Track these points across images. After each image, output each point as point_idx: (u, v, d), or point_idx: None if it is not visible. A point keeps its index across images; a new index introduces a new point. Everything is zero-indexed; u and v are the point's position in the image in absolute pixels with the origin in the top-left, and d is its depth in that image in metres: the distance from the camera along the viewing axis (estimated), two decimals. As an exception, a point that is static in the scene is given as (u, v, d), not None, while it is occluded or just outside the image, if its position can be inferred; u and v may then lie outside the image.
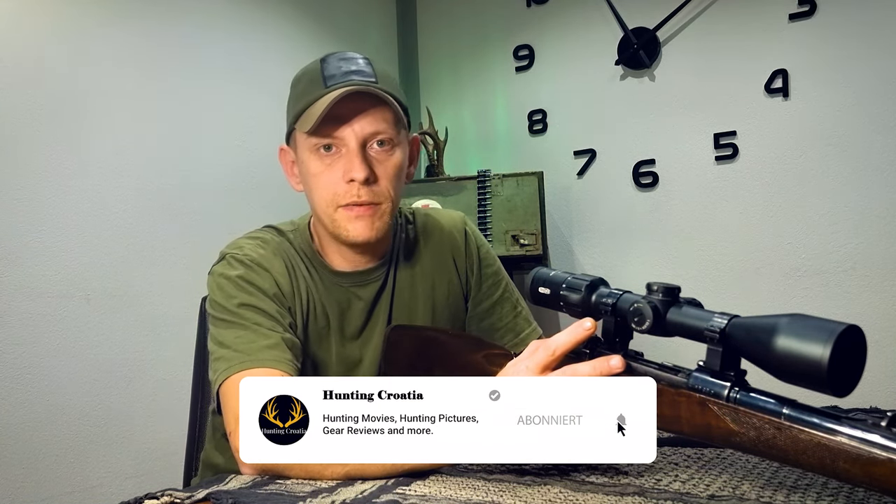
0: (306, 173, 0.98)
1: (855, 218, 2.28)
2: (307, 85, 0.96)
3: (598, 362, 0.67)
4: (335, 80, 0.93)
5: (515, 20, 2.88)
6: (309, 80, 0.97)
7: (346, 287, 1.03)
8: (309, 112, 0.94)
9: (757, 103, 2.43)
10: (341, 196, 0.95)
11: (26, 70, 1.77)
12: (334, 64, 0.96)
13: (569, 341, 0.70)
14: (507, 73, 2.90)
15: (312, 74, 0.97)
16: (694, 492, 0.66)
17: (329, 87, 0.93)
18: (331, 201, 0.96)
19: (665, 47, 2.59)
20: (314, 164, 0.96)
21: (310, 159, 0.96)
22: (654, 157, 2.61)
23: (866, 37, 2.26)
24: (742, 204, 2.46)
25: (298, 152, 0.99)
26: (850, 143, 2.29)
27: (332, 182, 0.95)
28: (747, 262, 2.45)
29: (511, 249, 2.40)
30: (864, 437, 0.52)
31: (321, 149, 0.95)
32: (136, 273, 1.98)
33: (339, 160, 0.95)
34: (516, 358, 0.73)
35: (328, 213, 0.97)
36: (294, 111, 0.97)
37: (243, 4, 2.37)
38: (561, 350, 0.70)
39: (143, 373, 1.97)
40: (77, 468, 1.82)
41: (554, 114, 2.81)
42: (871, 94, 2.26)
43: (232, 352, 0.89)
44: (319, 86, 0.94)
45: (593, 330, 0.69)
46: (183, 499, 0.67)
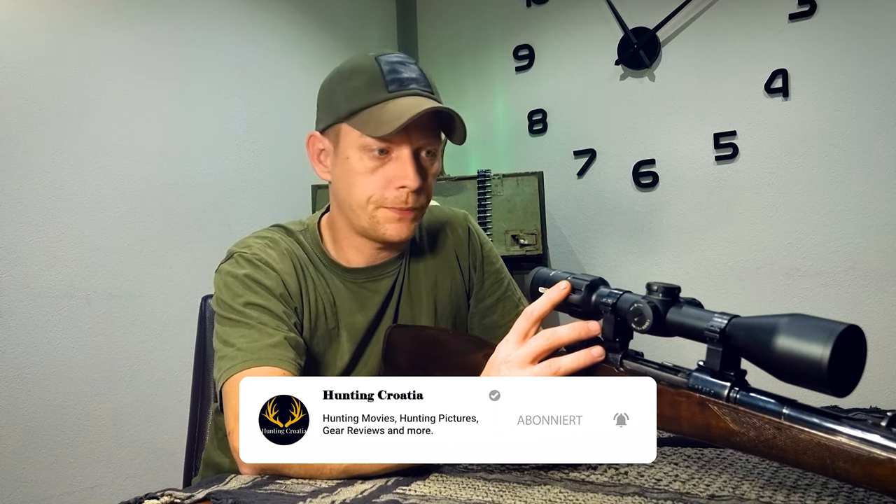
0: (349, 169, 0.97)
1: (855, 218, 2.28)
2: (366, 84, 0.94)
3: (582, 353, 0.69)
4: (399, 86, 0.93)
5: (515, 20, 2.88)
6: (367, 78, 0.94)
7: (360, 283, 1.04)
8: (374, 114, 0.92)
9: (757, 103, 2.43)
10: (389, 199, 0.95)
11: (26, 70, 1.77)
12: (392, 66, 0.95)
13: (570, 336, 0.70)
14: (507, 73, 2.90)
15: (370, 73, 0.95)
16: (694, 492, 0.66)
17: (392, 91, 0.93)
18: (374, 200, 0.96)
19: (665, 47, 2.59)
20: (363, 163, 0.95)
21: (358, 157, 0.95)
22: (654, 157, 2.61)
23: (866, 37, 2.26)
24: (742, 204, 2.46)
25: (341, 146, 0.97)
26: (850, 143, 2.29)
27: (379, 184, 0.95)
28: (747, 262, 2.45)
29: (511, 249, 2.40)
30: (864, 437, 0.52)
31: (375, 150, 0.94)
32: (136, 273, 1.98)
33: (391, 164, 0.95)
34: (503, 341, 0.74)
35: (367, 209, 0.97)
36: (348, 106, 0.95)
37: (243, 5, 2.37)
38: (559, 343, 0.71)
39: (143, 373, 1.97)
40: (77, 468, 1.82)
41: (554, 114, 2.81)
42: (871, 94, 2.26)
43: (236, 350, 0.89)
44: (380, 88, 0.93)
45: (598, 331, 0.70)
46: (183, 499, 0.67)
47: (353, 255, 1.04)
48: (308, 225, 1.07)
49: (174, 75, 2.12)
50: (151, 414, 1.98)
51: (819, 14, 2.33)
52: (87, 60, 1.90)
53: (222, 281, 0.97)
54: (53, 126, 1.81)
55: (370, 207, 0.96)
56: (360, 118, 0.94)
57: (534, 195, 2.42)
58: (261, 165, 2.36)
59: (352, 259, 1.04)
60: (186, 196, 2.13)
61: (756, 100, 2.43)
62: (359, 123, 0.94)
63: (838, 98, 2.30)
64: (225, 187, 2.25)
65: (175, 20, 2.13)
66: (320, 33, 2.69)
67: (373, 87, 0.94)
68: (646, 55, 2.59)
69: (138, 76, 2.02)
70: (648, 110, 2.61)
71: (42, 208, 1.78)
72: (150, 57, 2.06)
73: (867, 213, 2.26)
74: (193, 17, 2.19)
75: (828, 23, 2.32)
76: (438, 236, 1.12)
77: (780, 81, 2.38)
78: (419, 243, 1.11)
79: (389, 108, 0.92)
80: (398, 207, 0.96)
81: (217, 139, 2.24)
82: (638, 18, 2.60)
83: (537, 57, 2.85)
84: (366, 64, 0.96)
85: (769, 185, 2.41)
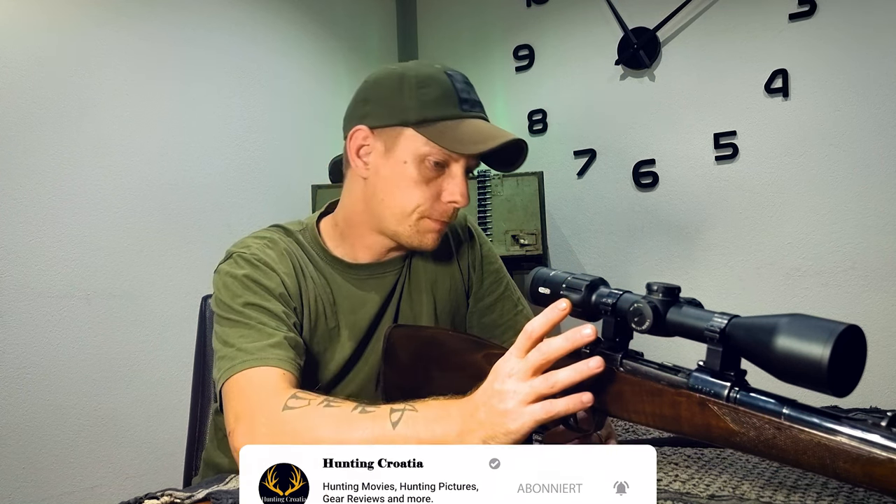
0: (402, 174, 0.96)
1: (855, 218, 2.28)
2: (441, 97, 0.95)
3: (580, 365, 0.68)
4: (470, 107, 0.96)
5: (515, 20, 2.88)
6: (442, 91, 0.95)
7: (363, 279, 1.04)
8: (447, 126, 0.94)
9: (757, 103, 2.43)
10: (436, 212, 0.97)
11: (26, 70, 1.77)
12: (463, 85, 0.97)
13: (564, 347, 0.69)
14: (507, 73, 2.90)
15: (445, 87, 0.95)
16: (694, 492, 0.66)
17: (465, 111, 0.95)
18: (421, 211, 0.97)
19: (665, 47, 2.59)
20: (417, 172, 0.95)
21: (414, 165, 0.95)
22: (654, 157, 2.61)
23: (866, 37, 2.26)
24: (742, 204, 2.46)
25: (399, 149, 0.96)
26: (850, 143, 2.29)
27: (428, 195, 0.96)
28: (747, 262, 2.45)
29: (511, 249, 2.40)
30: (864, 437, 0.52)
31: (434, 163, 0.95)
32: (136, 273, 1.98)
33: (443, 179, 0.96)
34: (505, 356, 0.73)
35: (410, 217, 0.97)
36: (420, 114, 0.94)
37: (243, 5, 2.37)
38: (555, 355, 0.69)
39: (143, 373, 1.97)
40: (77, 468, 1.82)
41: (554, 114, 2.81)
42: (871, 94, 2.26)
43: (235, 350, 0.89)
44: (454, 104, 0.95)
45: (593, 337, 0.69)
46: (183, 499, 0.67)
47: (361, 252, 1.04)
48: (307, 225, 1.07)
49: (174, 75, 2.12)
50: (151, 414, 1.98)
51: (819, 14, 2.33)
52: (87, 60, 1.90)
53: (221, 281, 0.97)
54: (53, 126, 1.81)
55: (414, 216, 0.97)
56: (434, 129, 0.94)
57: (534, 195, 2.42)
58: (261, 165, 2.36)
59: (359, 255, 1.04)
60: (186, 196, 2.13)
61: (756, 100, 2.43)
62: (433, 133, 0.94)
63: (838, 98, 2.30)
64: (225, 187, 2.25)
65: (175, 20, 2.13)
66: (320, 33, 2.69)
67: (447, 101, 0.95)
68: (646, 55, 2.59)
69: (138, 76, 2.02)
70: (648, 110, 2.61)
71: (42, 208, 1.78)
72: (150, 57, 2.06)
73: (867, 213, 2.26)
74: (193, 17, 2.19)
75: (828, 23, 2.32)
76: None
77: (780, 81, 2.38)
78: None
79: (466, 127, 0.94)
80: (442, 220, 0.98)
81: (217, 139, 2.24)
82: (638, 18, 2.60)
83: (537, 57, 2.85)
84: (438, 77, 0.96)
85: (769, 185, 2.41)
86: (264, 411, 0.80)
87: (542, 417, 0.68)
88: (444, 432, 0.72)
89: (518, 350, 0.71)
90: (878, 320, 2.21)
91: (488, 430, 0.69)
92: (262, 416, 0.80)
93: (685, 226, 2.56)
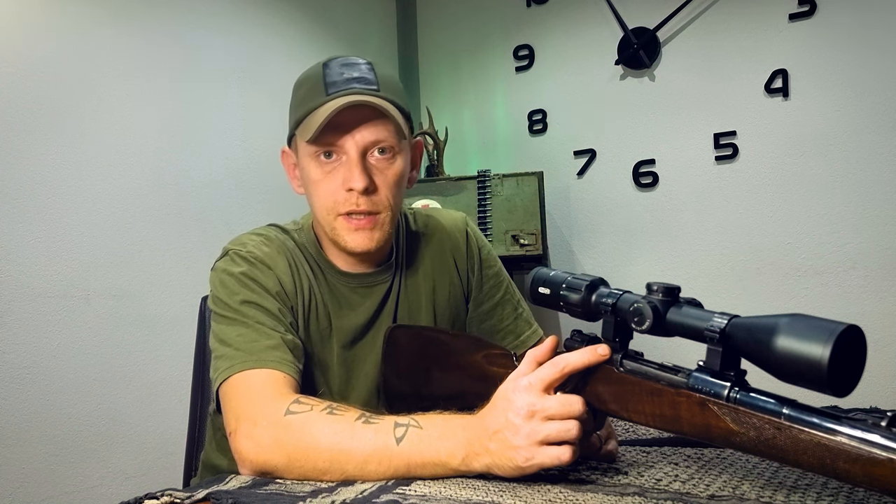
0: (307, 179, 0.98)
1: (855, 218, 2.28)
2: (308, 91, 0.95)
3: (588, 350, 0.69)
4: (337, 88, 0.93)
5: (515, 20, 2.88)
6: (311, 85, 0.95)
7: (353, 287, 1.03)
8: (310, 120, 0.93)
9: (757, 103, 2.43)
10: (341, 204, 0.95)
11: (26, 70, 1.77)
12: (336, 70, 0.95)
13: (580, 362, 0.69)
14: (507, 73, 2.90)
15: (314, 80, 0.95)
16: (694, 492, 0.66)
17: (330, 94, 0.92)
18: (331, 209, 0.95)
19: (665, 47, 2.59)
20: (314, 171, 0.96)
21: (310, 165, 0.96)
22: (654, 157, 2.61)
23: (866, 37, 2.26)
24: (742, 204, 2.46)
25: (300, 157, 0.99)
26: (850, 143, 2.29)
27: (331, 190, 0.95)
28: (747, 262, 2.45)
29: (511, 249, 2.40)
30: (864, 437, 0.52)
31: (321, 156, 0.95)
32: (136, 273, 1.98)
33: (339, 168, 0.94)
34: (517, 370, 0.72)
35: (328, 220, 0.97)
36: (295, 116, 0.97)
37: (243, 5, 2.37)
38: (570, 369, 0.69)
39: (143, 373, 1.97)
40: (77, 468, 1.82)
41: (554, 114, 2.81)
42: (871, 94, 2.26)
43: (234, 350, 0.88)
44: (321, 93, 0.93)
45: (607, 356, 0.69)
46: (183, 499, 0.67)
47: (340, 262, 1.03)
48: (303, 224, 1.07)
49: (174, 75, 2.12)
50: (151, 414, 1.98)
51: (819, 14, 2.33)
52: (87, 60, 1.90)
53: (218, 279, 0.97)
54: (53, 126, 1.81)
55: (330, 218, 0.96)
56: (302, 125, 0.94)
57: (534, 195, 2.42)
58: (261, 165, 2.36)
59: (341, 264, 1.03)
60: (186, 196, 2.13)
61: (756, 100, 2.43)
62: (303, 132, 0.94)
63: (838, 98, 2.30)
64: (225, 187, 2.25)
65: (175, 20, 2.13)
66: (320, 33, 2.69)
67: (314, 92, 0.94)
68: (646, 55, 2.59)
69: (138, 76, 2.02)
70: (648, 110, 2.61)
71: (42, 208, 1.78)
72: (150, 57, 2.06)
73: (867, 213, 2.26)
74: (193, 17, 2.19)
75: (828, 23, 2.32)
76: (436, 240, 1.11)
77: (780, 81, 2.38)
78: (413, 249, 1.09)
79: (321, 111, 0.92)
80: (350, 213, 0.94)
81: (217, 139, 2.24)
82: (638, 18, 2.60)
83: (537, 57, 2.85)
84: (313, 71, 0.97)
85: (769, 185, 2.41)
86: (266, 415, 0.79)
87: (550, 465, 0.67)
88: (450, 453, 0.71)
89: (541, 382, 0.69)
90: (878, 320, 2.21)
91: (496, 459, 0.69)
92: (263, 419, 0.79)
93: (685, 226, 2.56)
